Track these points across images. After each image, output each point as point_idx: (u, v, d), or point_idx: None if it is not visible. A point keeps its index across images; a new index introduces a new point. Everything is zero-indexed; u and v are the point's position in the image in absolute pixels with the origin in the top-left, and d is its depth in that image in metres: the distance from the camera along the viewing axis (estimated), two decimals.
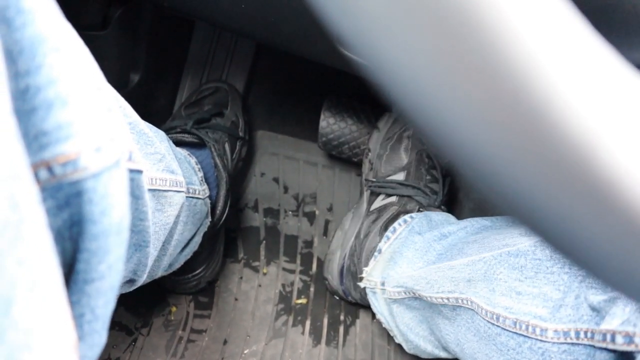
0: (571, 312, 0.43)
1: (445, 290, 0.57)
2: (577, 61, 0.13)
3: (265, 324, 0.79)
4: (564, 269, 0.46)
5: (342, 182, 0.95)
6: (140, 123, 0.46)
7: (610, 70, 0.14)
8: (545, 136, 0.13)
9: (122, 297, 0.76)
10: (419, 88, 0.14)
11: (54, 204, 0.26)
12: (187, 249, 0.67)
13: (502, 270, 0.51)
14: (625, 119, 0.13)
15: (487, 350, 0.51)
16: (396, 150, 0.80)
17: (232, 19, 0.65)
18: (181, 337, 0.76)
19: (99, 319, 0.29)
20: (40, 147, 0.24)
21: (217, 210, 0.73)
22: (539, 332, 0.45)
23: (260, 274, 0.85)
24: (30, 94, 0.24)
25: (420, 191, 0.76)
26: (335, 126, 0.88)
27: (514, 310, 0.48)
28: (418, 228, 0.69)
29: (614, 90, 0.14)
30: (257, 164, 0.95)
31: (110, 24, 0.73)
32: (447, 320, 0.59)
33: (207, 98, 0.87)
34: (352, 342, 0.79)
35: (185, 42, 0.94)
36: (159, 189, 0.48)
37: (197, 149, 0.75)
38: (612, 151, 0.13)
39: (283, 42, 0.67)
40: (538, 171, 0.14)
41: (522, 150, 0.14)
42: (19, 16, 0.23)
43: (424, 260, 0.65)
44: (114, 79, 0.78)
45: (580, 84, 0.13)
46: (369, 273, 0.72)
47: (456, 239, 0.63)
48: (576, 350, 0.43)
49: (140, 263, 0.46)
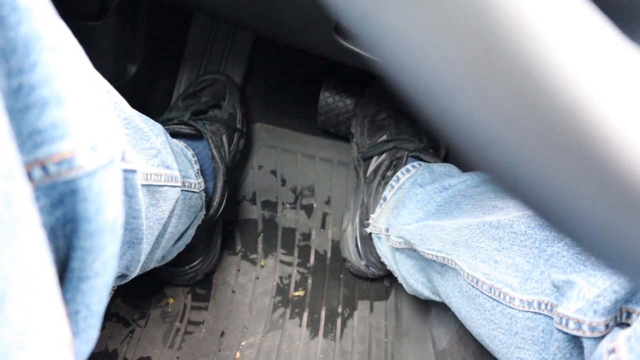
0: (536, 285, 0.48)
1: (434, 248, 0.62)
2: (571, 26, 0.13)
3: (263, 316, 0.79)
4: (534, 244, 0.50)
5: (340, 175, 0.95)
6: (135, 118, 0.46)
7: (603, 38, 0.14)
8: (540, 100, 0.13)
9: (119, 288, 0.77)
10: (428, 77, 0.15)
11: (48, 202, 0.26)
12: (181, 242, 0.67)
13: (483, 240, 0.55)
14: (622, 87, 0.14)
15: (468, 307, 0.57)
16: (374, 123, 0.86)
17: (230, 9, 0.65)
18: (178, 328, 0.76)
19: (94, 315, 0.29)
20: (34, 146, 0.24)
21: (214, 202, 0.73)
22: (509, 300, 0.50)
23: (257, 266, 0.85)
24: (24, 92, 0.23)
25: (405, 140, 0.81)
26: (334, 105, 0.92)
27: (490, 277, 0.52)
28: (420, 180, 0.73)
29: (609, 58, 0.14)
30: (254, 157, 0.95)
31: (107, 14, 0.73)
32: (438, 274, 0.64)
33: (204, 90, 0.87)
34: (349, 334, 0.80)
35: (183, 34, 0.94)
36: (153, 184, 0.48)
37: (194, 141, 0.75)
38: (607, 115, 0.14)
39: (281, 34, 0.67)
40: (530, 137, 0.14)
41: (517, 117, 0.14)
42: (13, 14, 0.23)
43: (424, 211, 0.69)
44: (111, 70, 0.78)
45: (576, 50, 0.13)
46: (374, 220, 0.76)
47: (455, 192, 0.67)
48: (538, 319, 0.47)
49: (133, 259, 0.46)
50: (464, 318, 0.59)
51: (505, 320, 0.50)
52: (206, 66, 0.95)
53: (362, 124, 0.87)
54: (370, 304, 0.83)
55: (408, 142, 0.80)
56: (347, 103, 0.92)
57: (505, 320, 0.50)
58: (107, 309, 0.76)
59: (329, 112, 0.93)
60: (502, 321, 0.51)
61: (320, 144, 0.97)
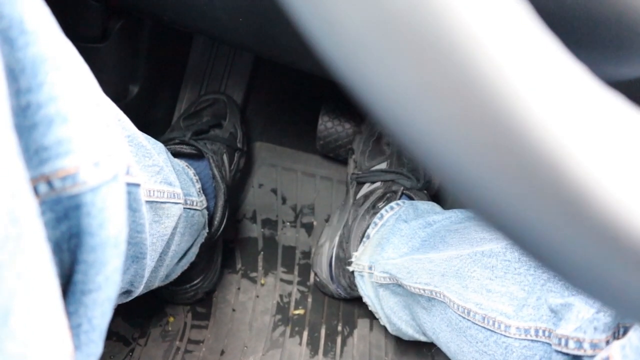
0: (532, 312, 0.47)
1: (422, 281, 0.61)
2: (537, 69, 0.14)
3: (263, 335, 0.79)
4: (529, 271, 0.49)
5: (340, 194, 0.95)
6: (138, 136, 0.47)
7: (570, 77, 0.14)
8: (517, 150, 0.14)
9: (119, 307, 0.77)
10: (398, 106, 0.15)
11: (53, 217, 0.27)
12: (184, 260, 0.67)
13: (475, 269, 0.54)
14: (590, 126, 0.14)
15: (458, 341, 0.56)
16: (377, 145, 0.86)
17: (231, 32, 0.66)
18: (178, 347, 0.76)
19: (96, 329, 0.29)
20: (40, 162, 0.25)
21: (215, 221, 0.74)
22: (504, 328, 0.49)
23: (257, 284, 0.85)
24: (32, 110, 0.24)
25: (403, 175, 0.80)
26: (333, 129, 0.92)
27: (483, 307, 0.52)
28: (404, 216, 0.73)
29: (576, 97, 0.14)
30: (255, 175, 0.96)
31: (110, 36, 0.74)
32: (424, 309, 0.63)
33: (205, 109, 0.88)
34: (349, 353, 0.80)
35: (184, 54, 0.95)
36: (156, 201, 0.48)
37: (196, 160, 0.76)
38: (578, 159, 0.14)
39: (281, 55, 0.68)
40: (506, 179, 0.14)
41: (497, 169, 0.14)
42: (22, 36, 0.24)
43: (409, 246, 0.68)
44: (113, 90, 0.79)
45: (543, 92, 0.14)
46: (357, 257, 0.75)
47: (440, 227, 0.67)
48: (535, 347, 0.47)
49: (137, 274, 0.46)
50: (454, 353, 0.58)
51: (500, 350, 0.49)
52: (207, 86, 0.96)
53: (366, 142, 0.87)
54: (370, 322, 0.83)
55: (406, 179, 0.80)
56: (346, 127, 0.91)
57: (500, 351, 0.49)
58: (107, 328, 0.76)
59: (328, 137, 0.92)
60: (496, 352, 0.50)
61: (320, 163, 0.97)
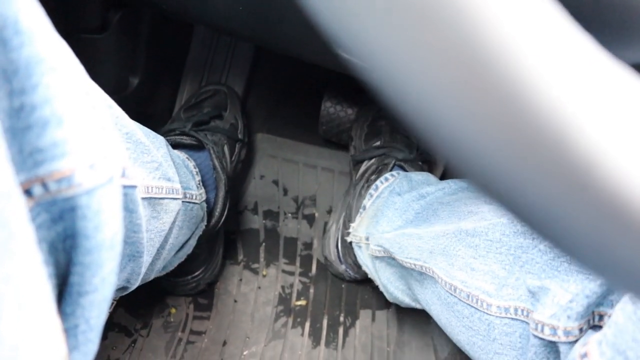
0: (512, 292, 0.49)
1: (412, 257, 0.62)
2: (555, 48, 0.14)
3: (265, 326, 0.80)
4: (510, 251, 0.51)
5: (341, 185, 0.95)
6: (136, 132, 0.46)
7: (586, 53, 0.14)
8: (525, 122, 0.14)
9: (121, 298, 0.77)
10: (415, 91, 0.15)
11: (48, 218, 0.27)
12: (181, 252, 0.67)
13: (460, 248, 0.56)
14: (604, 104, 0.14)
15: (447, 314, 0.58)
16: (373, 128, 0.88)
17: (230, 21, 0.65)
18: (180, 338, 0.77)
19: (93, 329, 0.29)
20: (35, 164, 0.25)
21: (216, 212, 0.74)
22: (486, 306, 0.51)
23: (259, 276, 0.85)
24: (26, 112, 0.24)
25: (395, 148, 0.82)
26: (335, 115, 0.93)
27: (468, 284, 0.53)
28: (398, 189, 0.74)
29: (590, 72, 0.14)
30: (256, 167, 0.96)
31: (110, 27, 0.73)
32: (417, 282, 0.65)
33: (206, 101, 0.88)
34: (351, 343, 0.80)
35: (185, 45, 0.95)
36: (155, 197, 0.48)
37: (196, 151, 0.76)
38: (590, 134, 0.14)
39: (281, 45, 0.67)
40: (516, 152, 0.14)
41: (502, 139, 0.14)
42: (16, 37, 0.23)
43: (403, 219, 0.70)
44: (113, 82, 0.79)
45: (557, 67, 0.14)
46: (354, 229, 0.77)
47: (433, 199, 0.68)
48: (515, 324, 0.48)
49: (134, 272, 0.46)
50: (444, 325, 0.60)
51: (483, 326, 0.51)
52: (208, 77, 0.96)
53: (362, 127, 0.89)
54: (372, 313, 0.83)
55: (398, 151, 0.82)
56: (348, 113, 0.92)
57: (483, 327, 0.51)
58: (110, 319, 0.76)
59: (330, 122, 0.93)
60: (480, 328, 0.52)
61: (321, 154, 0.97)
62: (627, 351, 0.32)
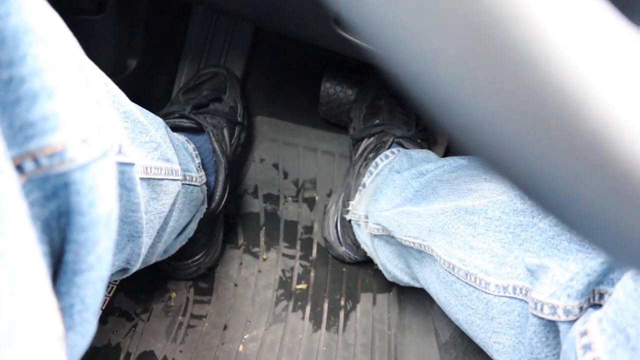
0: (510, 270, 0.48)
1: (411, 235, 0.62)
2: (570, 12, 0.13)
3: (265, 310, 0.79)
4: (509, 229, 0.50)
5: (341, 168, 0.94)
6: (134, 112, 0.46)
7: (601, 19, 0.14)
8: (537, 87, 0.13)
9: (122, 282, 0.77)
10: (425, 68, 0.14)
11: (41, 195, 0.26)
12: (182, 235, 0.67)
13: (459, 226, 0.55)
14: (618, 68, 0.13)
15: (445, 293, 0.57)
16: (371, 108, 0.87)
17: (228, 1, 0.64)
18: (181, 322, 0.76)
19: (89, 309, 0.29)
20: (25, 139, 0.24)
21: (216, 196, 0.73)
22: (484, 285, 0.50)
23: (260, 259, 0.85)
24: (14, 84, 0.23)
25: (393, 125, 0.82)
26: (335, 96, 0.92)
27: (466, 263, 0.53)
28: (398, 166, 0.73)
29: (605, 39, 0.14)
30: (256, 150, 0.95)
31: (107, 8, 0.72)
32: (416, 260, 0.64)
33: (205, 83, 0.87)
34: (352, 327, 0.80)
35: (183, 27, 0.93)
36: (154, 178, 0.47)
37: (195, 134, 0.75)
38: (605, 100, 0.13)
39: (280, 25, 0.66)
40: (529, 125, 0.14)
41: (515, 106, 0.14)
42: (2, 5, 0.22)
43: (402, 197, 0.69)
44: (111, 64, 0.78)
45: (572, 31, 0.13)
46: (354, 207, 0.77)
47: (432, 177, 0.68)
48: (513, 303, 0.48)
49: (134, 253, 0.46)
50: (443, 303, 0.60)
51: (481, 305, 0.51)
52: (206, 59, 0.95)
53: (361, 108, 0.88)
54: (373, 297, 0.83)
55: (396, 128, 0.81)
56: (348, 93, 0.92)
57: (481, 306, 0.51)
58: (110, 303, 0.76)
59: (330, 103, 0.93)
60: (478, 306, 0.51)
61: (321, 137, 0.96)
62: (628, 328, 0.32)
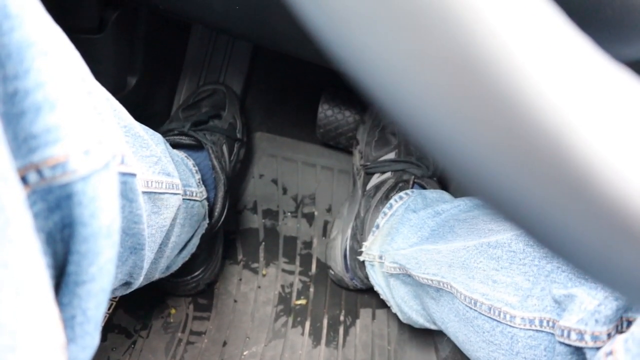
0: (537, 302, 0.47)
1: (430, 272, 0.61)
2: (549, 48, 0.13)
3: (265, 325, 0.79)
4: (534, 261, 0.50)
5: (340, 183, 0.95)
6: (135, 126, 0.46)
7: (583, 58, 0.14)
8: (520, 127, 0.13)
9: (121, 299, 0.77)
10: (408, 96, 0.14)
11: (45, 207, 0.26)
12: (185, 251, 0.67)
13: (481, 260, 0.55)
14: (601, 107, 0.13)
15: (465, 330, 0.56)
16: (384, 135, 0.85)
17: (226, 20, 0.65)
18: (180, 339, 0.76)
19: (91, 321, 0.29)
20: (29, 150, 0.24)
21: (216, 212, 0.73)
22: (509, 319, 0.49)
23: (259, 275, 0.85)
24: (19, 97, 0.24)
25: (413, 164, 0.80)
26: (333, 117, 0.91)
27: (489, 297, 0.52)
28: (413, 206, 0.73)
29: (588, 78, 0.14)
30: (255, 166, 0.95)
31: (107, 27, 0.73)
32: (433, 299, 0.63)
33: (204, 100, 0.88)
34: (352, 342, 0.79)
35: (182, 45, 0.95)
36: (154, 192, 0.48)
37: (195, 151, 0.76)
38: (588, 140, 0.13)
39: (278, 43, 0.67)
40: (515, 165, 0.14)
41: (499, 145, 0.14)
42: (6, 21, 0.23)
43: (418, 236, 0.68)
44: (111, 82, 0.78)
45: (554, 72, 0.13)
46: (368, 247, 0.75)
47: (449, 216, 0.67)
48: (540, 337, 0.47)
49: (136, 266, 0.46)
50: (462, 342, 0.58)
51: (505, 340, 0.50)
52: (206, 76, 0.96)
53: (371, 133, 0.86)
54: (373, 312, 0.83)
55: (416, 167, 0.80)
56: (346, 115, 0.91)
57: (506, 341, 0.50)
58: (109, 320, 0.76)
59: (328, 125, 0.92)
60: (502, 341, 0.50)
61: (320, 153, 0.97)
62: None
